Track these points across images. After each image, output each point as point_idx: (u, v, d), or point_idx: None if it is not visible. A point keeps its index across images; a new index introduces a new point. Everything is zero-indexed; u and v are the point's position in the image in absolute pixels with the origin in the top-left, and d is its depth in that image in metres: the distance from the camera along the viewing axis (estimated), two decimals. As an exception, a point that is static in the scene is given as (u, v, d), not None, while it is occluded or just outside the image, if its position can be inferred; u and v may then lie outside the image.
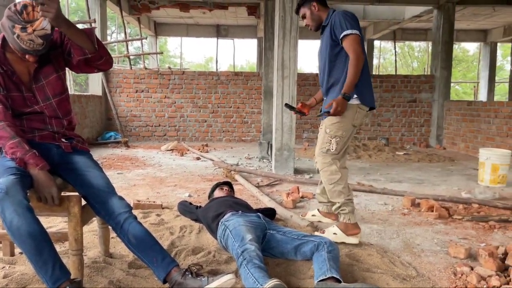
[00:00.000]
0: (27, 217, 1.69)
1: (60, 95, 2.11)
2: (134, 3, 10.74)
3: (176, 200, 3.78)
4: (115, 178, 4.91)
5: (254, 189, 4.23)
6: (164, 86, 9.35)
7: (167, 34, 15.08)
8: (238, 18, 13.00)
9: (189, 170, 5.68)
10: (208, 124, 9.48)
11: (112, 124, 9.19)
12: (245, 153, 7.42)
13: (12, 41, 1.84)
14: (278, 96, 5.32)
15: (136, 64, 19.40)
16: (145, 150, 7.69)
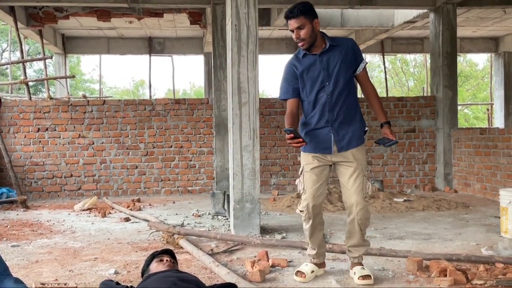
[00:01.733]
0: None
1: None
2: (33, 11, 10.72)
3: (96, 280, 3.67)
4: (9, 253, 4.73)
5: (206, 259, 4.17)
6: (78, 122, 9.24)
7: (81, 51, 15.08)
8: (178, 28, 13.22)
9: (114, 236, 5.56)
10: (140, 171, 9.38)
11: (4, 177, 8.91)
12: (193, 209, 7.37)
13: None
14: (235, 130, 5.37)
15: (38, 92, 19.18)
16: (52, 211, 7.48)
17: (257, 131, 5.41)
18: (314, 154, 3.63)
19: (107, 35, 14.16)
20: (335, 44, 3.57)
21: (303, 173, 3.67)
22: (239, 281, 3.48)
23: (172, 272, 2.93)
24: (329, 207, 6.73)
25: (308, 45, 3.53)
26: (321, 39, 3.58)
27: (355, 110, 3.65)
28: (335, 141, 3.57)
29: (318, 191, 3.62)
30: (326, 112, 3.57)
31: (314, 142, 3.61)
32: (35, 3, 9.26)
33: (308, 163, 3.64)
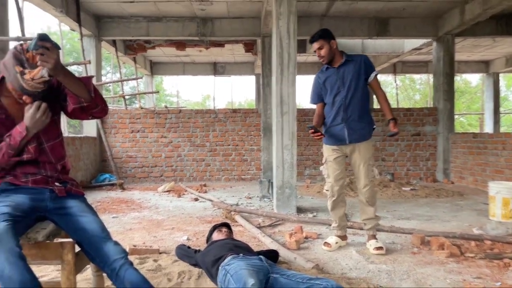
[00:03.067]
0: (19, 266, 1.68)
1: (53, 140, 2.14)
2: (129, 43, 11.03)
3: (173, 244, 3.74)
4: (110, 222, 4.88)
5: (255, 230, 4.19)
6: (161, 126, 9.45)
7: (163, 73, 15.39)
8: (235, 55, 13.30)
9: (187, 212, 5.65)
10: (206, 163, 9.51)
11: (107, 166, 9.21)
12: (245, 193, 7.40)
13: (13, 80, 1.90)
14: (277, 133, 5.37)
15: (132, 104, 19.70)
16: (141, 192, 7.67)
17: (295, 134, 5.40)
18: (333, 146, 3.68)
19: (182, 61, 14.41)
20: (350, 59, 3.64)
21: (326, 162, 3.74)
22: (280, 248, 3.48)
23: (229, 240, 2.97)
24: (351, 194, 6.63)
25: (327, 61, 3.63)
26: (339, 56, 3.65)
27: (365, 112, 3.65)
28: (348, 134, 3.59)
29: (339, 176, 3.69)
30: (341, 112, 3.61)
31: (333, 136, 3.66)
32: (131, 37, 9.52)
33: (329, 155, 3.71)
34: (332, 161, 3.69)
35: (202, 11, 8.70)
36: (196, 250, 3.08)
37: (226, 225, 3.38)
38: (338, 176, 3.69)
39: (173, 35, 9.41)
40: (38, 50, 1.78)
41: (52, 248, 1.94)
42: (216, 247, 2.79)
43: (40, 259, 1.96)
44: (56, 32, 13.06)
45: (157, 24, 9.23)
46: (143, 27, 9.23)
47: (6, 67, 1.92)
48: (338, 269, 3.14)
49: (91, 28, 8.74)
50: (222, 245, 2.79)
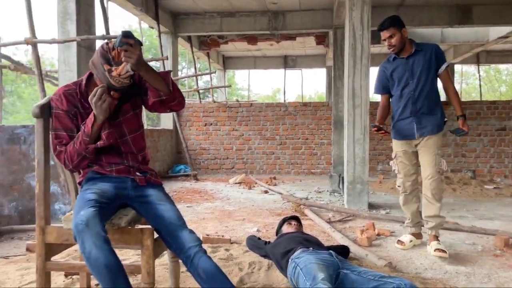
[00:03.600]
0: (105, 249, 1.81)
1: (135, 132, 2.27)
2: (203, 39, 11.36)
3: (244, 235, 3.81)
4: (185, 211, 5.09)
5: (325, 225, 4.15)
6: (232, 119, 9.65)
7: (235, 67, 15.66)
8: (306, 48, 13.18)
9: (257, 203, 5.73)
10: (276, 156, 9.56)
11: (182, 158, 9.60)
12: (314, 187, 7.35)
13: (102, 77, 2.04)
14: (349, 127, 5.26)
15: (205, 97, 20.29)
16: (214, 183, 7.90)
17: (367, 128, 5.24)
18: (402, 141, 3.50)
19: (254, 55, 14.55)
20: (420, 49, 3.42)
21: (396, 157, 3.58)
22: (351, 244, 3.42)
23: (299, 233, 2.96)
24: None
25: (397, 50, 3.44)
26: (409, 45, 3.44)
27: (435, 104, 3.42)
28: (417, 129, 3.40)
29: (410, 171, 3.52)
30: (410, 105, 3.42)
31: (401, 130, 3.49)
32: (205, 33, 9.80)
33: (398, 150, 3.55)
34: (401, 156, 3.53)
35: (273, 4, 8.72)
36: (266, 242, 3.12)
37: (295, 218, 3.38)
38: (409, 172, 3.53)
39: (245, 29, 9.53)
40: (122, 47, 1.89)
41: (133, 234, 2.06)
42: (286, 240, 2.81)
43: (122, 244, 2.09)
44: (136, 30, 13.79)
45: (230, 19, 9.39)
46: (216, 23, 9.45)
47: (95, 65, 2.06)
48: (412, 268, 3.02)
49: (168, 25, 9.12)
50: (292, 238, 2.80)
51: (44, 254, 2.13)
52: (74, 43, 4.96)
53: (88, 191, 2.06)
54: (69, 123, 2.11)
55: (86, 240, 1.80)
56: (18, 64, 6.22)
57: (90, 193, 2.04)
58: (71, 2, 5.07)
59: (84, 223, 1.82)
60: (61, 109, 2.09)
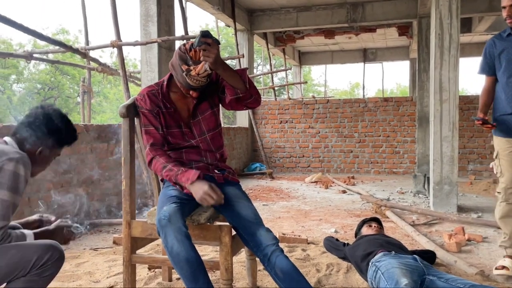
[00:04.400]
0: (186, 244, 1.91)
1: (213, 130, 2.36)
2: (279, 34, 11.43)
3: (321, 236, 3.80)
4: (261, 209, 5.17)
5: (408, 228, 4.00)
6: (308, 116, 9.61)
7: (311, 62, 15.56)
8: (388, 40, 12.74)
9: (334, 203, 5.67)
10: (354, 154, 9.36)
11: (258, 156, 9.76)
12: (397, 187, 7.09)
13: (180, 78, 2.16)
14: (435, 123, 5.00)
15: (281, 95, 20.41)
16: (289, 182, 7.93)
17: (456, 124, 4.95)
18: (507, 138, 2.90)
19: (331, 49, 14.37)
20: None
21: (498, 157, 2.97)
22: (437, 249, 3.26)
23: (380, 236, 2.89)
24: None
25: None
26: None
27: None
28: None
29: None
30: None
31: (506, 127, 2.90)
32: (281, 28, 9.86)
33: (501, 148, 2.93)
34: (505, 157, 2.91)
35: (352, -4, 8.54)
36: (345, 243, 3.08)
37: (376, 220, 3.29)
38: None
39: (322, 23, 9.44)
40: (201, 46, 1.98)
41: (212, 230, 2.15)
42: (366, 242, 2.75)
43: (202, 239, 2.19)
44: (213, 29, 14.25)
45: (306, 13, 9.35)
46: (292, 18, 9.46)
47: (174, 67, 2.18)
48: (507, 278, 2.80)
49: (244, 23, 9.30)
50: (373, 240, 2.74)
51: (130, 247, 2.29)
52: (155, 44, 5.25)
53: (170, 188, 2.19)
54: (154, 121, 2.24)
55: (168, 234, 1.91)
56: (104, 66, 6.73)
57: (171, 189, 2.17)
58: (153, 5, 5.37)
59: (167, 219, 1.93)
60: (145, 108, 2.24)
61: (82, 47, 5.81)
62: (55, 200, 3.97)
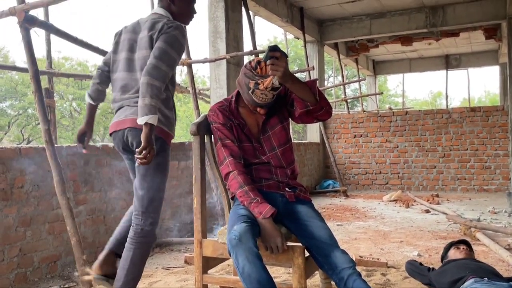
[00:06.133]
0: (257, 264, 1.93)
1: (284, 145, 2.38)
2: (351, 44, 11.33)
3: (403, 259, 3.66)
4: (335, 229, 5.09)
5: (503, 252, 3.73)
6: (385, 129, 9.35)
7: (387, 72, 15.22)
8: (473, 44, 12.15)
9: (416, 224, 5.44)
10: (438, 170, 8.93)
11: (330, 172, 9.64)
12: (488, 206, 6.64)
13: (247, 96, 2.23)
14: (532, 135, 4.65)
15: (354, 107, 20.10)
16: (365, 200, 7.74)
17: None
18: None
19: (408, 57, 13.98)
20: None
21: None
22: (539, 277, 3.00)
23: (470, 260, 2.72)
24: None
25: None
26: None
27: None
28: None
29: None
30: None
31: None
32: (353, 38, 9.78)
33: None
34: None
35: (431, -1, 8.27)
36: (430, 268, 2.94)
37: (465, 243, 3.11)
38: None
39: (398, 30, 9.23)
40: (269, 60, 2.04)
41: (284, 251, 2.15)
42: (454, 267, 2.61)
43: (273, 261, 2.20)
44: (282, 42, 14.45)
45: (380, 20, 9.20)
46: (365, 26, 9.35)
47: (240, 84, 2.26)
48: None
49: (314, 34, 9.34)
50: (462, 265, 2.59)
51: (202, 267, 2.36)
52: (224, 60, 5.44)
53: (240, 206, 2.23)
54: (230, 134, 2.32)
55: (239, 255, 1.95)
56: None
57: (241, 208, 2.21)
58: (221, 21, 5.59)
59: (238, 238, 1.97)
60: (218, 123, 2.33)
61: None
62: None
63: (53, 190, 3.04)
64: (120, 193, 4.08)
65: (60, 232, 3.46)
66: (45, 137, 2.98)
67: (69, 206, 2.94)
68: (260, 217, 2.11)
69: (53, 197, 3.32)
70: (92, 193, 3.79)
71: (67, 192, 2.99)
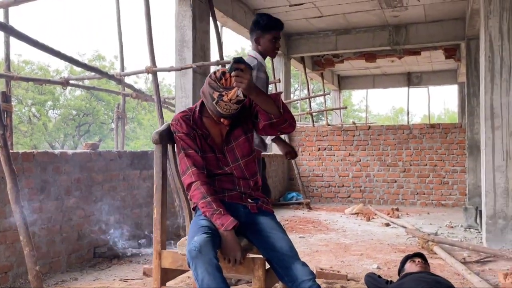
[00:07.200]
0: (216, 276, 1.91)
1: (247, 156, 2.38)
2: (317, 58, 11.51)
3: (362, 272, 3.70)
4: (297, 242, 5.11)
5: (459, 266, 3.84)
6: (348, 143, 9.52)
7: (352, 87, 15.53)
8: (433, 63, 12.58)
9: (376, 237, 5.53)
10: (398, 185, 9.15)
11: (294, 184, 9.70)
12: (445, 221, 6.84)
13: (211, 106, 2.22)
14: (487, 152, 4.84)
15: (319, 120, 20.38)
16: (328, 213, 7.81)
17: (510, 153, 4.77)
18: None
19: (372, 73, 14.31)
20: None
21: None
22: (491, 290, 3.11)
23: (426, 274, 2.79)
24: None
25: None
26: None
27: None
28: None
29: None
30: None
31: None
32: (319, 52, 9.94)
33: None
34: None
35: (394, 18, 8.53)
36: (388, 281, 2.99)
37: (420, 256, 3.19)
38: None
39: (363, 46, 9.45)
40: (234, 72, 2.04)
41: (244, 263, 2.14)
42: (411, 281, 2.66)
43: (233, 272, 2.19)
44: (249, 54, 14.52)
45: (346, 36, 9.40)
46: (331, 41, 9.52)
47: (204, 94, 2.26)
48: None
49: (281, 47, 9.43)
50: (419, 279, 2.64)
51: (160, 279, 2.31)
52: (190, 70, 5.41)
53: (201, 217, 2.21)
54: (193, 144, 2.29)
55: (199, 266, 1.92)
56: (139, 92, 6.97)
57: (202, 219, 2.19)
58: (188, 30, 5.57)
59: (198, 249, 1.95)
60: (182, 132, 2.30)
61: (117, 73, 6.06)
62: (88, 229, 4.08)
63: (6, 197, 2.93)
64: (78, 202, 3.96)
65: (13, 242, 3.32)
66: (0, 142, 2.86)
67: (23, 214, 2.84)
68: (222, 229, 2.10)
69: (6, 205, 3.19)
70: (48, 202, 3.67)
71: (21, 200, 2.88)
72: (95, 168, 4.18)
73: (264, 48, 3.25)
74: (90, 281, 3.54)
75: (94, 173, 4.16)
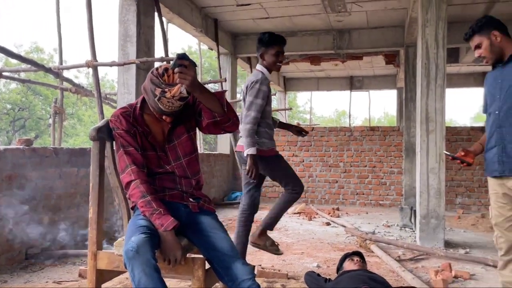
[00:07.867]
0: (154, 277, 1.86)
1: (190, 155, 2.34)
2: (263, 59, 11.57)
3: (303, 270, 3.75)
4: (239, 241, 5.09)
5: (394, 264, 3.99)
6: (292, 144, 9.66)
7: (297, 89, 15.76)
8: (374, 68, 13.03)
9: (317, 236, 5.64)
10: (339, 185, 9.40)
11: (239, 184, 9.69)
12: (382, 220, 7.10)
13: (152, 103, 2.16)
14: (422, 154, 5.07)
15: (264, 121, 20.43)
16: (271, 213, 7.86)
17: (443, 156, 5.03)
18: (494, 179, 2.73)
19: (317, 76, 14.61)
20: None
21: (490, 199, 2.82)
22: (423, 286, 3.25)
23: (363, 272, 2.87)
24: None
25: (492, 61, 2.74)
26: (510, 48, 2.68)
27: None
28: (499, 163, 2.66)
29: (505, 222, 2.68)
30: (494, 129, 2.70)
31: (487, 164, 2.79)
32: (265, 53, 10.00)
33: (491, 189, 2.78)
34: (493, 198, 2.76)
35: (338, 22, 8.74)
36: (327, 279, 3.04)
37: (358, 254, 3.28)
38: (504, 223, 2.68)
39: (308, 49, 9.61)
40: (177, 68, 1.99)
41: (184, 263, 2.10)
42: (348, 278, 2.72)
43: (173, 273, 2.14)
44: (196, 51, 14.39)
45: (292, 38, 9.51)
46: (277, 43, 9.60)
47: (146, 91, 2.19)
48: (496, 319, 2.80)
49: (228, 46, 9.41)
50: (356, 277, 2.71)
51: (95, 280, 2.22)
52: (133, 65, 5.26)
53: (140, 217, 2.14)
54: (133, 141, 2.22)
55: (135, 267, 1.86)
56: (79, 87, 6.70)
57: (140, 219, 2.12)
58: (132, 25, 5.41)
59: (135, 250, 1.88)
60: (121, 129, 2.22)
61: (55, 66, 5.78)
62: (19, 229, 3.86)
63: None
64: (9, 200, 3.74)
65: None
66: None
67: None
68: (161, 229, 2.04)
69: None
70: (-25, 200, 3.43)
71: None
72: (28, 165, 3.96)
73: (268, 62, 3.48)
74: (21, 283, 3.35)
75: (27, 170, 3.94)
